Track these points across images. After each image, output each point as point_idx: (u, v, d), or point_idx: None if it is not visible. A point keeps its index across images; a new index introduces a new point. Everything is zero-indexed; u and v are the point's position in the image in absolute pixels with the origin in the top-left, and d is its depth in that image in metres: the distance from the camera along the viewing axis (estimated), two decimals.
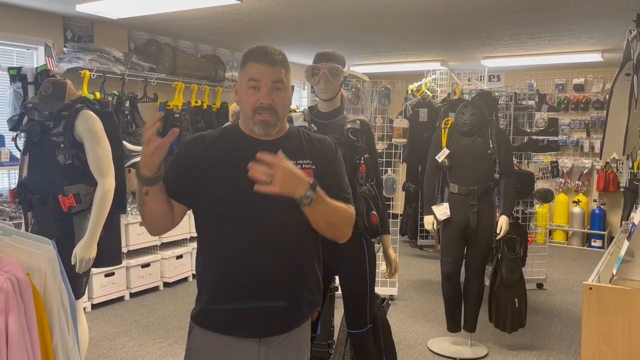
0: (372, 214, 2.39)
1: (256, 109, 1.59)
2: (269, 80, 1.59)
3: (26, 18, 4.50)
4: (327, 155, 1.72)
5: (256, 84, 1.59)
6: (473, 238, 3.53)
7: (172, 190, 1.62)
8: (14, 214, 4.07)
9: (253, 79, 1.59)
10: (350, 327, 2.54)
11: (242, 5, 4.21)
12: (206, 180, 1.62)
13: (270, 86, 1.59)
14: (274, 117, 1.60)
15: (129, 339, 3.93)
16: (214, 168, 1.62)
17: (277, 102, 1.60)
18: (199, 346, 1.67)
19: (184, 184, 1.64)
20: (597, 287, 1.72)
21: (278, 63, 1.61)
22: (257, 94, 1.59)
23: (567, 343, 3.99)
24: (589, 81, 7.45)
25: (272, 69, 1.59)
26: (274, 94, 1.59)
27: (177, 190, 1.63)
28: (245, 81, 1.61)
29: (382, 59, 7.07)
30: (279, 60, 1.62)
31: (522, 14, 4.43)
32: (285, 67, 1.63)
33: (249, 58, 1.62)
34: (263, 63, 1.59)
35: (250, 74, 1.60)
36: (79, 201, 2.67)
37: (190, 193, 1.64)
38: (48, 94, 2.74)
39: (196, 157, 1.65)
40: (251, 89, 1.60)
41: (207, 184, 1.62)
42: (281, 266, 1.61)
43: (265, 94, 1.58)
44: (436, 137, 3.66)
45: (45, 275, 1.49)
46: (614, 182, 7.17)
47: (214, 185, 1.62)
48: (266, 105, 1.58)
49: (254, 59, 1.61)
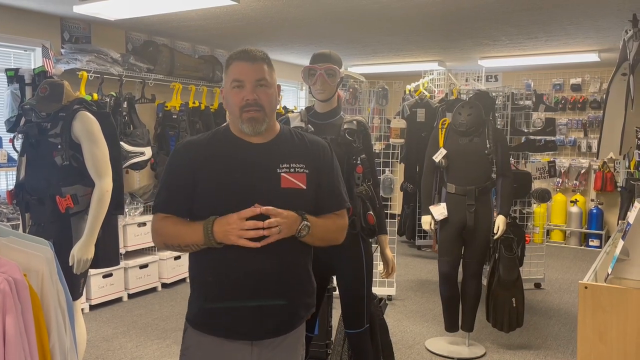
0: (369, 214, 2.39)
1: (243, 107, 1.61)
2: (252, 78, 1.61)
3: (23, 19, 4.50)
4: (321, 159, 1.71)
5: (240, 83, 1.61)
6: (470, 238, 3.54)
7: (179, 201, 1.65)
8: (12, 215, 4.06)
9: (236, 80, 1.61)
10: (348, 327, 2.55)
11: (239, 6, 4.21)
12: (201, 183, 1.63)
13: (254, 83, 1.61)
14: (261, 113, 1.61)
15: (127, 340, 3.93)
16: (208, 171, 1.63)
17: (262, 98, 1.62)
18: (193, 346, 1.68)
19: (185, 188, 1.64)
20: (593, 286, 1.73)
21: (259, 59, 1.63)
22: (241, 92, 1.61)
23: (565, 342, 4.00)
24: (586, 81, 7.47)
25: (254, 66, 1.62)
26: (258, 90, 1.61)
27: (184, 198, 1.65)
28: (230, 82, 1.63)
29: (380, 60, 7.08)
30: (260, 57, 1.64)
31: (519, 14, 4.44)
32: (268, 64, 1.65)
33: (231, 59, 1.65)
34: (244, 61, 1.62)
35: (233, 74, 1.62)
36: (77, 202, 2.68)
37: (190, 197, 1.65)
38: (45, 95, 2.74)
39: (191, 161, 1.65)
40: (236, 89, 1.62)
41: (201, 187, 1.63)
42: (276, 268, 1.61)
43: (250, 91, 1.60)
44: (433, 137, 3.67)
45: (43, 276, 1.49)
46: (612, 181, 7.19)
47: (208, 188, 1.62)
48: (252, 101, 1.60)
49: (236, 58, 1.64)
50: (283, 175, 1.62)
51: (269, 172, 1.62)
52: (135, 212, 4.89)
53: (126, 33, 5.38)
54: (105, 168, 2.68)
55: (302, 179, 1.63)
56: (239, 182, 1.61)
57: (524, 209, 5.03)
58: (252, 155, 1.64)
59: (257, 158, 1.64)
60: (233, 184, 1.61)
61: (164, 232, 1.64)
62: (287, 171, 1.63)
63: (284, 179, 1.62)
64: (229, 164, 1.63)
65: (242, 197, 1.57)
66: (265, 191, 1.60)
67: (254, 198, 1.56)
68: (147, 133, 4.87)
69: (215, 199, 1.62)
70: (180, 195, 1.65)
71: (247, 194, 1.58)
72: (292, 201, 1.61)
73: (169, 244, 1.65)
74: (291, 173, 1.63)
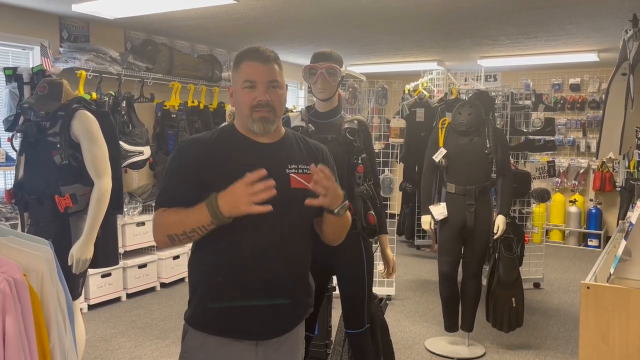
0: (370, 214, 2.39)
1: (254, 106, 1.59)
2: (264, 79, 1.59)
3: (22, 18, 4.48)
4: (324, 162, 1.72)
5: (252, 84, 1.59)
6: (470, 238, 3.53)
7: (185, 197, 1.58)
8: (10, 214, 4.05)
9: (248, 80, 1.60)
10: (348, 327, 2.54)
11: (238, 5, 4.20)
12: (208, 181, 1.59)
13: (266, 84, 1.60)
14: (272, 114, 1.60)
15: (126, 340, 3.92)
16: (215, 169, 1.61)
17: (274, 99, 1.60)
18: (195, 349, 1.66)
19: (190, 186, 1.60)
20: (595, 286, 1.73)
21: (271, 60, 1.62)
22: (253, 92, 1.59)
23: (564, 342, 4.00)
24: (585, 81, 7.47)
25: (267, 67, 1.60)
26: (270, 91, 1.60)
27: (189, 195, 1.59)
28: (241, 82, 1.61)
29: (379, 59, 7.07)
30: (272, 57, 1.63)
31: (518, 14, 4.44)
32: (279, 65, 1.65)
33: (243, 57, 1.62)
34: (257, 61, 1.60)
35: (245, 73, 1.60)
36: (76, 202, 2.67)
37: (194, 195, 1.60)
38: (44, 94, 2.73)
39: (198, 157, 1.62)
40: (247, 89, 1.60)
41: (208, 185, 1.59)
42: (282, 267, 1.61)
43: (262, 91, 1.59)
44: (433, 136, 3.66)
45: (43, 276, 1.48)
46: (610, 181, 7.20)
47: (215, 186, 1.58)
48: (264, 102, 1.59)
49: (248, 57, 1.61)
50: (292, 175, 1.62)
51: (278, 172, 1.59)
52: (134, 211, 4.88)
53: (125, 32, 5.36)
54: (105, 167, 2.67)
55: (309, 179, 1.61)
56: None
57: (524, 208, 5.03)
58: (261, 155, 1.63)
59: (266, 158, 1.62)
60: None
61: (167, 222, 1.57)
62: (295, 171, 1.62)
63: (293, 179, 1.61)
64: (237, 164, 1.59)
65: None
66: (276, 191, 1.57)
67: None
68: (145, 132, 4.86)
69: None
70: (185, 192, 1.60)
71: None
72: (301, 201, 1.58)
73: (173, 233, 1.55)
74: (299, 174, 1.63)
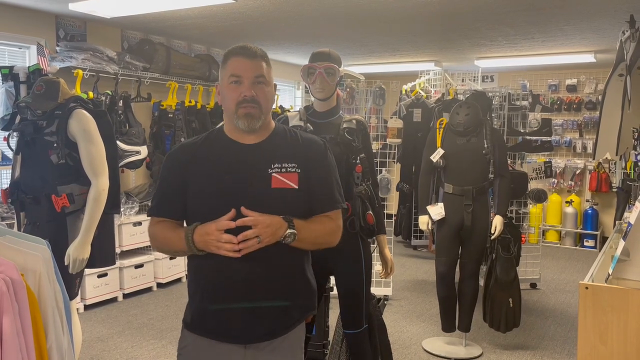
0: (368, 214, 2.38)
1: (239, 102, 1.59)
2: (250, 74, 1.59)
3: (18, 17, 4.46)
4: (315, 158, 1.68)
5: (238, 79, 1.59)
6: (468, 238, 3.53)
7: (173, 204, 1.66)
8: (6, 214, 4.03)
9: (234, 75, 1.59)
10: (346, 328, 2.54)
11: (236, 5, 4.19)
12: (192, 186, 1.62)
13: (252, 80, 1.59)
14: (257, 110, 1.60)
15: (123, 340, 3.90)
16: (198, 173, 1.62)
17: (259, 95, 1.60)
18: (188, 346, 1.68)
19: (177, 191, 1.64)
20: (593, 287, 1.73)
21: (258, 56, 1.62)
22: (239, 88, 1.59)
23: (561, 342, 4.00)
24: (581, 82, 7.49)
25: (253, 62, 1.60)
26: (256, 87, 1.60)
27: (176, 201, 1.66)
28: (227, 77, 1.61)
29: (376, 59, 7.07)
30: (259, 54, 1.62)
31: (515, 15, 4.44)
32: (266, 62, 1.64)
33: (230, 54, 1.63)
34: (243, 57, 1.60)
35: (231, 69, 1.60)
36: (72, 201, 2.65)
37: (182, 200, 1.65)
38: (41, 92, 2.71)
39: (182, 164, 1.65)
40: (233, 84, 1.60)
41: (192, 189, 1.62)
42: (267, 270, 1.59)
43: (248, 87, 1.59)
44: (431, 137, 3.66)
45: (40, 276, 1.47)
46: (606, 182, 7.22)
47: (199, 190, 1.62)
48: (249, 98, 1.58)
49: (234, 54, 1.62)
50: (274, 175, 1.60)
51: (260, 172, 1.60)
52: (130, 211, 4.87)
53: (122, 31, 5.34)
54: (102, 167, 2.66)
55: (293, 178, 1.60)
56: (229, 183, 1.59)
57: (520, 209, 5.04)
58: (242, 156, 1.63)
59: (248, 159, 1.62)
60: (223, 185, 1.59)
61: (156, 238, 1.68)
62: (278, 171, 1.60)
63: (274, 179, 1.60)
64: (219, 166, 1.61)
65: (232, 199, 1.55)
66: (255, 192, 1.58)
67: (244, 199, 1.54)
68: (142, 132, 4.85)
69: (205, 201, 1.61)
70: (173, 198, 1.65)
71: (237, 196, 1.56)
72: (283, 201, 1.58)
73: (162, 249, 1.71)
74: (282, 173, 1.60)
